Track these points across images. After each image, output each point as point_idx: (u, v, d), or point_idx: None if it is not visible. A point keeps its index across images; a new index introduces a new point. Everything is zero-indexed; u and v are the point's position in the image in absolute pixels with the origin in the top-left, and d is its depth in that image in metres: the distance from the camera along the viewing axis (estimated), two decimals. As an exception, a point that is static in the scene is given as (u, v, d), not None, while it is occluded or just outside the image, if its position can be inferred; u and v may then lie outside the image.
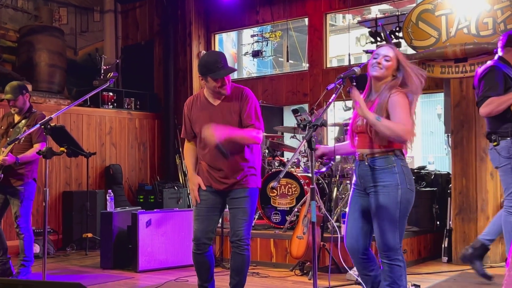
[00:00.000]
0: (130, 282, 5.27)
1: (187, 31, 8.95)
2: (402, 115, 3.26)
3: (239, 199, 3.92)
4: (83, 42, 9.42)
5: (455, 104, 6.13)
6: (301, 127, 3.09)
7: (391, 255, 3.34)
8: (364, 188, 3.46)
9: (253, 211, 4.04)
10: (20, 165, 5.13)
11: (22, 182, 5.20)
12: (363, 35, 12.40)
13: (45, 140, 5.08)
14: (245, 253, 3.96)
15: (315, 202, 3.13)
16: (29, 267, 5.28)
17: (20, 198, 5.19)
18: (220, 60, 3.87)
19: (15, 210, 5.21)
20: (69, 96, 8.57)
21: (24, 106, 5.32)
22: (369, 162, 3.38)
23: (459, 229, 6.04)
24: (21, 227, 5.20)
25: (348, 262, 5.27)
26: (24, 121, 5.24)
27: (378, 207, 3.34)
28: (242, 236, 3.91)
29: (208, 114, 3.92)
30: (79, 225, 7.54)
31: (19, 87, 5.33)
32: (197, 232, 3.95)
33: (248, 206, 3.93)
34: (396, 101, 3.29)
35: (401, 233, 3.37)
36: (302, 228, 5.42)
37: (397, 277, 3.34)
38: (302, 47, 10.56)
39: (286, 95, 8.33)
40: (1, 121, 5.48)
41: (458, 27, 5.84)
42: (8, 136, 5.22)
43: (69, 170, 7.86)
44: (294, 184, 6.09)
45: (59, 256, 6.96)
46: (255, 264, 5.99)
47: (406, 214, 3.37)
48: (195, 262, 4.02)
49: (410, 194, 3.37)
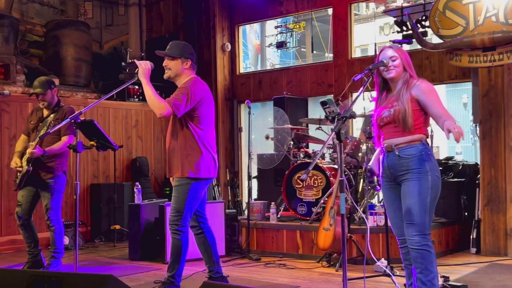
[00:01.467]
0: (158, 273, 5.33)
1: (211, 23, 8.97)
2: (440, 103, 3.40)
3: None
4: (108, 35, 9.50)
5: (484, 94, 6.05)
6: (329, 120, 3.09)
7: (421, 240, 3.38)
8: (394, 178, 3.51)
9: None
10: (48, 158, 5.21)
11: (52, 175, 5.28)
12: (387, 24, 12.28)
13: (73, 133, 5.15)
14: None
15: (344, 194, 3.13)
16: (59, 259, 5.37)
17: (51, 191, 5.28)
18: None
19: (46, 202, 5.29)
20: (96, 90, 8.67)
21: (53, 100, 5.39)
22: (398, 151, 3.43)
23: (488, 220, 5.99)
24: (51, 219, 5.29)
25: (375, 253, 5.27)
26: (52, 115, 5.32)
27: (410, 193, 3.39)
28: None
29: None
30: (107, 217, 7.65)
31: (48, 81, 5.40)
32: None
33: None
34: (428, 89, 3.42)
35: (430, 220, 3.44)
36: (328, 220, 5.41)
37: (429, 263, 3.37)
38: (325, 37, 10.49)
39: (310, 86, 8.31)
40: (30, 116, 5.56)
41: (486, 16, 5.75)
42: (37, 131, 5.30)
43: (96, 163, 7.97)
44: (320, 175, 6.08)
45: (88, 248, 7.07)
46: (281, 256, 6.02)
47: (435, 200, 3.44)
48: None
49: (438, 181, 3.46)
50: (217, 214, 6.05)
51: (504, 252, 5.88)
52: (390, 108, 3.46)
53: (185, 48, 4.38)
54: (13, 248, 6.95)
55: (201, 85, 4.31)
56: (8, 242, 6.96)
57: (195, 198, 4.29)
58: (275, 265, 5.62)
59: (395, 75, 3.48)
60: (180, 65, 4.33)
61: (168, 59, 4.33)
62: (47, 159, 5.22)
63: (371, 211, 5.66)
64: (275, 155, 7.24)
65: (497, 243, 5.94)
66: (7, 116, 7.09)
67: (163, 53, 4.30)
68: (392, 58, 3.48)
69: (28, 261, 5.42)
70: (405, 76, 3.48)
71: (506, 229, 5.90)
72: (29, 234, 5.40)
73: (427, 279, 3.37)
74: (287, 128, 6.72)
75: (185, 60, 4.33)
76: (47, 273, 3.26)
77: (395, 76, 3.48)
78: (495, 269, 5.25)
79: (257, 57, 11.11)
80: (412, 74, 3.51)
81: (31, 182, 5.28)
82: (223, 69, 9.00)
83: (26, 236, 5.41)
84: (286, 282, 4.91)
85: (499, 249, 5.91)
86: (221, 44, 8.97)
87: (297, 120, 7.15)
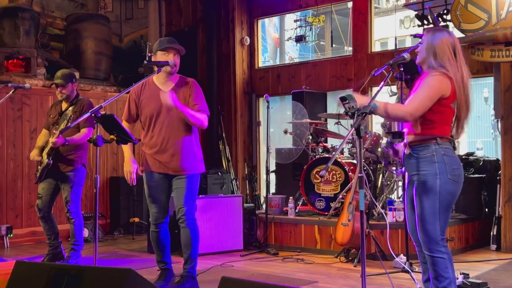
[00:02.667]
0: (177, 267, 5.35)
1: (230, 17, 8.96)
2: (417, 94, 3.22)
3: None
4: (128, 29, 9.53)
5: (506, 89, 5.97)
6: (349, 115, 3.06)
7: (432, 247, 3.26)
8: (410, 176, 3.44)
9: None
10: (68, 150, 5.26)
11: (72, 167, 5.33)
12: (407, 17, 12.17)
13: (92, 126, 5.19)
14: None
15: (363, 190, 3.11)
16: (79, 251, 5.43)
17: (70, 184, 5.33)
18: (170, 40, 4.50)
19: (66, 195, 5.35)
20: (115, 83, 8.71)
21: (72, 93, 5.44)
22: (411, 150, 3.34)
23: (509, 216, 5.92)
24: (71, 211, 5.34)
25: (394, 249, 5.24)
26: (71, 108, 5.37)
27: (418, 196, 3.30)
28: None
29: (157, 99, 4.29)
30: (126, 210, 7.70)
31: (70, 75, 5.48)
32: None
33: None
34: (424, 80, 3.25)
35: (443, 225, 3.27)
36: (347, 215, 5.39)
37: (442, 269, 3.25)
38: (344, 31, 10.43)
39: (329, 81, 8.26)
40: (50, 110, 5.62)
41: (509, 10, 5.66)
42: (57, 124, 5.35)
43: (116, 156, 8.01)
44: (339, 170, 6.06)
45: (107, 240, 7.13)
46: (299, 250, 6.01)
47: (448, 205, 3.28)
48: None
49: (452, 185, 3.26)
50: (235, 208, 6.07)
51: (525, 249, 5.82)
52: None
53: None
54: (34, 240, 7.04)
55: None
56: (29, 234, 7.05)
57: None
58: (293, 260, 5.62)
59: (419, 61, 3.38)
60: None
61: (176, 57, 4.51)
62: (67, 152, 5.27)
63: (390, 206, 5.63)
64: (293, 150, 7.22)
65: (518, 240, 5.87)
66: (27, 109, 7.16)
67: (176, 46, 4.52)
68: (420, 42, 3.41)
69: (49, 253, 5.48)
70: (435, 63, 3.27)
71: (528, 226, 5.83)
72: (49, 226, 5.46)
73: (441, 285, 3.26)
74: (306, 123, 6.69)
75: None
76: (68, 266, 3.29)
77: (419, 61, 3.38)
78: (516, 266, 5.20)
79: (276, 51, 11.08)
80: (443, 63, 3.25)
81: (51, 175, 5.34)
82: (241, 63, 8.98)
83: (46, 228, 5.47)
84: (304, 277, 4.90)
85: (520, 246, 5.84)
86: (240, 38, 8.95)
87: (315, 115, 7.12)
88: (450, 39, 3.31)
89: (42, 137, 5.50)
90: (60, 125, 5.29)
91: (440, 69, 3.25)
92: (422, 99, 3.19)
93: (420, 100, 3.19)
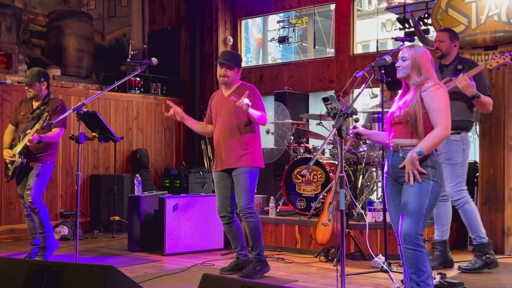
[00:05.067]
0: (157, 265, 5.37)
1: (213, 16, 8.97)
2: (441, 113, 3.36)
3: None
4: (110, 27, 9.50)
5: (484, 93, 6.05)
6: (331, 116, 3.11)
7: (414, 239, 3.39)
8: (396, 178, 3.54)
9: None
10: (40, 149, 5.25)
11: (40, 163, 5.32)
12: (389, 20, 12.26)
13: (64, 125, 5.28)
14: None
15: (344, 190, 3.16)
16: (51, 236, 5.40)
17: (36, 172, 5.29)
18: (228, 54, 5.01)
19: (29, 182, 5.28)
20: (97, 81, 8.67)
21: (40, 93, 5.41)
22: (403, 153, 3.44)
23: (486, 218, 6.00)
24: (33, 200, 5.24)
25: (373, 250, 5.30)
26: (43, 107, 5.35)
27: (410, 193, 3.40)
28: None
29: (220, 103, 4.91)
30: (106, 208, 7.67)
31: (38, 73, 5.42)
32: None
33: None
34: (433, 96, 3.37)
35: (425, 223, 3.45)
36: (327, 215, 5.44)
37: (421, 263, 3.39)
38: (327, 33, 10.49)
39: (312, 82, 8.32)
40: (19, 106, 5.57)
41: (488, 15, 5.76)
42: (27, 122, 5.32)
43: (96, 154, 7.99)
44: (320, 171, 6.11)
45: (87, 238, 7.10)
46: (279, 250, 6.05)
47: (433, 206, 3.44)
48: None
49: (439, 189, 3.45)
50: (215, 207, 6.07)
51: (501, 250, 5.91)
52: (402, 108, 3.47)
53: (240, 59, 5.08)
54: (12, 237, 6.99)
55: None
56: (8, 231, 6.99)
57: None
58: (273, 259, 5.65)
59: (402, 76, 3.50)
60: (234, 74, 4.91)
61: (227, 69, 4.87)
62: (37, 151, 5.27)
63: (369, 207, 5.69)
64: (275, 150, 7.26)
65: (494, 241, 5.95)
66: (8, 105, 7.11)
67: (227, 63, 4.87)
68: (402, 58, 3.50)
69: (31, 252, 5.44)
70: (419, 78, 3.45)
71: (504, 227, 5.94)
72: (33, 225, 5.42)
73: (420, 279, 3.39)
74: (288, 123, 6.74)
75: (239, 69, 4.97)
76: (48, 263, 3.28)
77: (401, 76, 3.51)
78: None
79: (259, 51, 11.10)
80: (428, 76, 3.45)
81: (24, 174, 5.32)
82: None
83: (30, 227, 5.44)
84: (284, 276, 4.94)
85: (496, 247, 5.93)
86: (223, 38, 8.97)
87: (297, 115, 7.16)
88: (428, 53, 3.53)
89: (9, 134, 5.47)
90: (32, 124, 5.24)
91: (433, 80, 3.44)
92: (447, 112, 3.39)
93: (446, 114, 3.38)
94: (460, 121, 4.81)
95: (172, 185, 8.27)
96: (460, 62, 4.96)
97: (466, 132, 4.96)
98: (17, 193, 6.96)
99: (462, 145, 4.87)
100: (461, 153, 4.85)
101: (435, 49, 4.97)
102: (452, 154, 4.81)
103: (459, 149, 4.84)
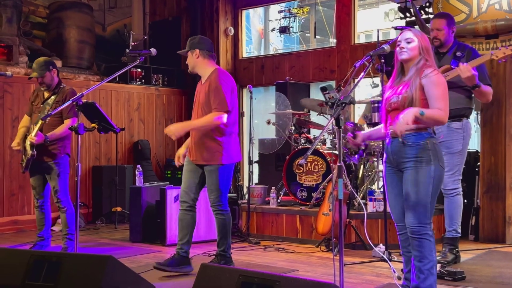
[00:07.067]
0: (159, 255, 5.39)
1: (214, 7, 8.94)
2: (441, 101, 3.32)
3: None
4: (111, 18, 9.48)
5: (485, 82, 6.04)
6: (329, 105, 3.11)
7: (422, 229, 3.37)
8: (397, 165, 3.49)
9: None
10: (51, 142, 5.22)
11: (55, 157, 5.27)
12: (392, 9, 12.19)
13: (76, 116, 5.11)
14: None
15: (342, 180, 3.16)
16: (73, 239, 5.37)
17: (57, 172, 5.26)
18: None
19: (53, 184, 5.28)
20: (98, 72, 8.67)
21: (52, 82, 5.32)
22: (403, 138, 3.40)
23: (487, 207, 6.02)
24: (61, 200, 5.27)
25: (373, 239, 5.31)
26: (53, 97, 5.27)
27: (412, 182, 3.38)
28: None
29: (198, 92, 4.71)
30: (108, 199, 7.70)
31: (45, 63, 5.31)
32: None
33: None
34: (435, 82, 3.34)
35: (432, 209, 3.41)
36: (328, 205, 5.46)
37: (428, 252, 3.37)
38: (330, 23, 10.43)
39: (313, 72, 8.29)
40: (32, 96, 5.53)
41: (489, 3, 5.73)
42: (39, 112, 5.29)
43: (98, 145, 8.00)
44: (321, 161, 6.11)
45: (89, 229, 7.12)
46: (281, 240, 6.07)
47: (437, 191, 3.41)
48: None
49: (442, 172, 3.43)
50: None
51: (502, 239, 5.92)
52: (399, 94, 3.42)
53: (192, 40, 4.67)
54: (15, 228, 7.02)
55: (226, 76, 4.62)
56: (10, 223, 7.02)
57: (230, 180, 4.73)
58: (274, 249, 5.67)
59: (407, 58, 3.42)
60: (191, 58, 4.63)
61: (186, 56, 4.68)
62: (49, 144, 5.21)
63: (370, 197, 5.69)
64: (276, 140, 7.26)
65: (495, 230, 5.97)
66: (9, 97, 7.11)
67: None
68: (407, 40, 3.43)
69: (36, 244, 5.44)
70: (419, 63, 3.41)
71: (505, 216, 5.93)
72: (42, 217, 5.43)
73: (425, 268, 3.37)
74: (289, 113, 6.73)
75: (193, 50, 4.59)
76: (48, 253, 3.30)
77: (407, 58, 3.43)
78: (493, 256, 5.29)
79: (260, 41, 11.07)
80: (430, 62, 3.43)
81: (37, 167, 5.27)
82: (225, 54, 8.99)
83: (39, 218, 5.44)
84: (284, 265, 4.95)
85: (497, 236, 5.95)
86: (224, 28, 8.95)
87: (299, 106, 7.15)
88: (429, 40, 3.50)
89: (24, 123, 5.45)
90: (41, 114, 5.21)
91: (432, 66, 3.41)
92: (447, 100, 3.35)
93: (446, 101, 3.35)
94: (460, 109, 4.79)
95: (173, 176, 8.28)
96: (459, 48, 4.86)
97: (467, 119, 4.93)
98: (20, 184, 7.06)
99: (463, 133, 4.84)
100: (461, 141, 4.83)
101: (433, 38, 4.86)
102: (452, 143, 4.80)
103: (459, 138, 4.82)
